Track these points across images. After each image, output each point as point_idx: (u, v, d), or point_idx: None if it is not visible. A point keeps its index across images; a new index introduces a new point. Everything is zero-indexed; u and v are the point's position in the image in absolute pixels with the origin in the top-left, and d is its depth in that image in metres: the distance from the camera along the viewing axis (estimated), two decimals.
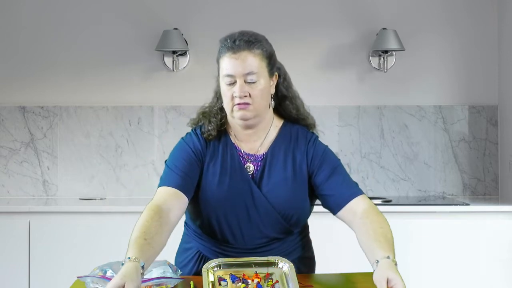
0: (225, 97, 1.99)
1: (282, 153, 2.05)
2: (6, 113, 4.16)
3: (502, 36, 4.12)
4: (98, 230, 3.61)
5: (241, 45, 1.95)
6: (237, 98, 1.96)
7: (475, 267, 3.60)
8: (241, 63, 1.94)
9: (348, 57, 4.18)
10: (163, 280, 1.79)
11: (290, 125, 2.11)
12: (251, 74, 1.95)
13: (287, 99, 2.11)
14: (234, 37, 1.98)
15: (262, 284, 1.78)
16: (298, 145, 2.07)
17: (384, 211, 3.60)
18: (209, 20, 4.12)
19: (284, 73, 2.13)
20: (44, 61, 4.17)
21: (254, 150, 2.06)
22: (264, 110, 2.02)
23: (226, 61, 1.96)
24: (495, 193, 4.15)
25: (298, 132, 2.10)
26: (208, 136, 2.05)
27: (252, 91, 1.96)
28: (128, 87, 4.17)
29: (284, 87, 2.11)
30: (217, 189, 1.99)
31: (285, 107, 2.11)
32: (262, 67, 1.98)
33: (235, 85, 1.96)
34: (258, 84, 1.97)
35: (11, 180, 4.15)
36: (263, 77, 1.98)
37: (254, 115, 1.99)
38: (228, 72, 1.96)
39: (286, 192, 2.01)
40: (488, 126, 4.17)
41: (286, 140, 2.07)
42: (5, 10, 4.17)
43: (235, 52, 1.95)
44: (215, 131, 2.05)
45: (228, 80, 1.97)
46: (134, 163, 4.15)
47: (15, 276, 3.61)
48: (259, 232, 2.02)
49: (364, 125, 4.17)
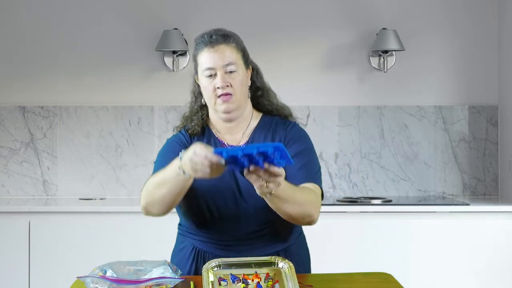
0: (206, 91, 2.07)
1: (263, 139, 2.11)
2: (6, 113, 4.16)
3: (502, 36, 4.12)
4: (98, 230, 3.61)
5: (218, 39, 2.06)
6: (220, 90, 2.04)
7: (475, 267, 3.60)
8: (220, 55, 2.04)
9: (348, 57, 4.18)
10: (163, 280, 1.80)
11: (269, 117, 2.18)
12: (230, 64, 2.05)
13: (260, 90, 2.18)
14: (210, 33, 2.08)
15: (262, 284, 1.78)
16: (277, 131, 2.13)
17: (384, 211, 3.64)
18: (209, 20, 4.11)
19: (256, 67, 2.21)
20: (44, 61, 4.17)
21: (236, 141, 2.13)
22: (245, 101, 2.11)
23: (205, 55, 2.06)
24: (495, 193, 4.16)
25: (277, 121, 2.16)
26: (193, 132, 2.14)
27: (232, 81, 2.05)
28: (128, 87, 4.18)
29: (257, 80, 2.18)
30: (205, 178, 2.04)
31: (258, 98, 2.18)
32: (238, 58, 2.08)
33: (215, 77, 2.04)
34: (237, 75, 2.06)
35: (11, 180, 4.15)
36: (241, 68, 2.08)
37: (236, 106, 2.07)
38: (208, 65, 2.05)
39: None
40: (488, 126, 4.17)
41: (265, 128, 2.14)
42: (5, 10, 4.17)
43: (213, 46, 2.05)
44: (198, 126, 2.14)
45: (208, 72, 2.05)
46: (134, 163, 4.15)
47: (15, 276, 3.61)
48: (248, 219, 2.04)
49: (364, 125, 4.17)
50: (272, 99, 2.19)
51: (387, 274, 2.04)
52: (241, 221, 2.05)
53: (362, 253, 3.60)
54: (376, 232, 3.61)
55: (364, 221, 3.61)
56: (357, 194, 4.15)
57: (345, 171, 4.17)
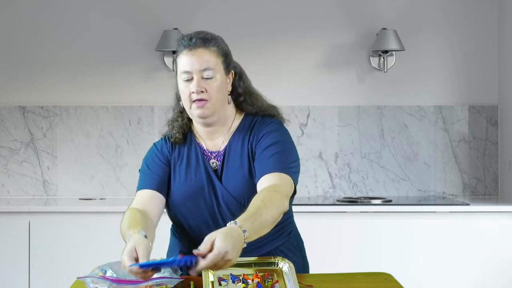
0: (183, 94, 2.05)
1: (240, 144, 2.08)
2: (6, 113, 4.16)
3: (502, 36, 4.12)
4: (98, 230, 3.61)
5: (197, 42, 2.01)
6: (194, 94, 2.01)
7: (475, 267, 3.60)
8: (198, 59, 2.00)
9: (348, 57, 4.18)
10: (163, 280, 1.79)
11: (251, 117, 2.13)
12: (207, 70, 2.00)
13: (242, 95, 2.14)
14: (190, 35, 2.04)
15: (262, 284, 1.78)
16: (253, 131, 2.09)
17: (384, 211, 3.64)
18: (209, 20, 4.11)
19: (240, 71, 2.15)
20: (44, 61, 4.17)
21: (216, 147, 2.11)
22: (221, 106, 2.06)
23: (183, 58, 2.02)
24: (495, 193, 4.16)
25: (257, 120, 2.12)
26: (174, 140, 2.13)
27: (208, 87, 2.01)
28: (128, 87, 4.18)
29: (239, 85, 2.13)
30: (183, 186, 2.07)
31: (240, 104, 2.15)
32: (218, 63, 2.02)
33: (192, 81, 2.01)
34: (215, 80, 2.01)
35: (11, 180, 4.15)
36: (219, 73, 2.03)
37: (211, 112, 2.03)
38: (185, 68, 2.01)
39: (241, 179, 2.03)
40: (488, 126, 4.17)
41: (244, 130, 2.10)
42: (5, 10, 4.17)
43: (191, 49, 2.01)
44: (180, 133, 2.12)
45: (185, 76, 2.02)
46: (134, 163, 4.15)
47: (15, 276, 3.61)
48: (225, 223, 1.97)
49: (364, 125, 4.17)
50: (256, 102, 2.14)
51: (387, 274, 2.04)
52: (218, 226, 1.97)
53: (362, 253, 3.60)
54: (376, 232, 3.61)
55: (364, 221, 3.61)
56: (357, 194, 4.15)
57: (345, 171, 4.17)
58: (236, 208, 2.01)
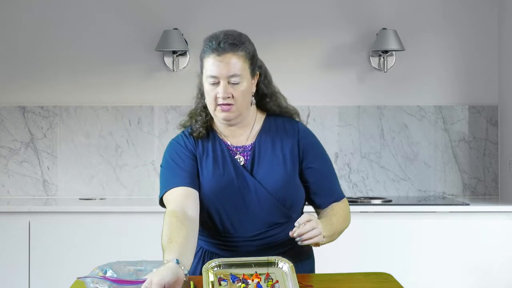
0: (208, 96, 2.05)
1: (270, 142, 2.11)
2: (6, 113, 4.16)
3: (502, 36, 4.12)
4: (98, 230, 3.61)
5: (226, 47, 2.00)
6: (220, 99, 2.01)
7: (475, 267, 3.60)
8: (225, 66, 2.00)
9: (348, 57, 4.18)
10: None
11: (274, 117, 2.17)
12: (234, 76, 2.00)
13: (267, 96, 2.17)
14: (219, 38, 2.02)
15: (262, 284, 1.78)
16: (286, 133, 2.13)
17: (384, 211, 3.64)
18: (209, 20, 4.12)
19: (265, 71, 2.18)
20: (44, 61, 4.17)
21: (241, 142, 2.12)
22: (246, 109, 2.09)
23: (211, 62, 2.01)
24: (495, 193, 4.16)
25: (284, 122, 2.16)
26: (198, 135, 2.11)
27: (234, 92, 2.01)
28: (128, 87, 4.18)
29: (264, 85, 2.16)
30: (212, 181, 2.06)
31: (266, 104, 2.17)
32: (245, 68, 2.03)
33: (218, 85, 2.01)
34: (241, 86, 2.02)
35: (11, 180, 4.15)
36: (246, 78, 2.04)
37: (236, 115, 2.06)
38: (212, 73, 2.01)
39: (279, 176, 2.07)
40: (488, 126, 4.17)
41: (272, 130, 2.14)
42: (5, 10, 4.17)
43: (219, 54, 2.00)
44: (203, 128, 2.12)
45: (211, 80, 2.02)
46: (134, 163, 4.15)
47: (15, 276, 3.61)
48: (258, 219, 2.06)
49: (364, 125, 4.17)
50: (279, 104, 2.18)
51: (387, 274, 2.04)
52: (249, 222, 2.06)
53: (362, 253, 3.60)
54: (376, 232, 3.61)
55: (364, 221, 3.61)
56: (357, 194, 4.15)
57: (345, 171, 4.17)
58: (267, 202, 2.05)
